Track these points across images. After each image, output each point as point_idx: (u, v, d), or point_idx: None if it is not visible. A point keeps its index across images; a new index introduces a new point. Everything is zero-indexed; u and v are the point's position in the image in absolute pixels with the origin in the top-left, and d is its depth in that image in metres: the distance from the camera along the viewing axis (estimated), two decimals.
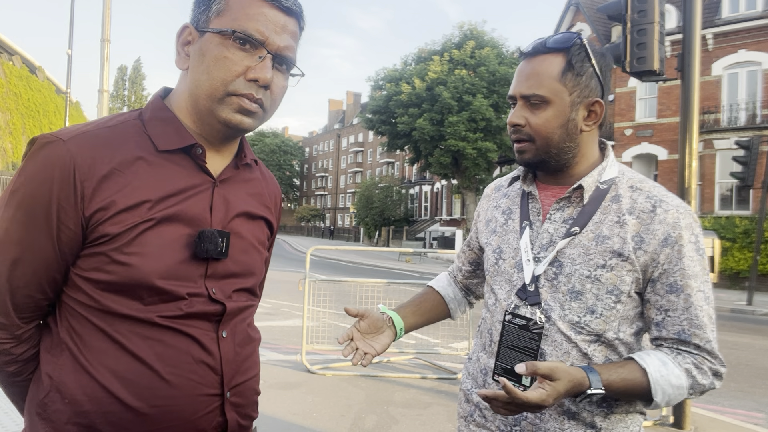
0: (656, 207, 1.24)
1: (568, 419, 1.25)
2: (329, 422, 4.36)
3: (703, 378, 1.21)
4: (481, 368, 1.39)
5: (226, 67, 1.03)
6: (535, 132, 1.28)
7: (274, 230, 1.28)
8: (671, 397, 1.20)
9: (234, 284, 1.12)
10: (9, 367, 1.07)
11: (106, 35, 14.17)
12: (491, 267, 1.40)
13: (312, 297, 6.33)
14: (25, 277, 1.01)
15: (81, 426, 0.99)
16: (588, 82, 1.27)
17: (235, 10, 1.04)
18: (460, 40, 30.05)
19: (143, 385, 1.00)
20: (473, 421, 1.39)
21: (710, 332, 1.22)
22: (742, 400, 5.78)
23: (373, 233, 46.47)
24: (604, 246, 1.24)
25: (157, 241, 1.01)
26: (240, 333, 1.14)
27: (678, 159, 4.95)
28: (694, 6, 4.89)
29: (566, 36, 1.28)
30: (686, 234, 1.23)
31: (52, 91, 28.23)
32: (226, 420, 1.09)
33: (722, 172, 19.72)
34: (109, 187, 0.99)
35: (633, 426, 1.29)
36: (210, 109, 1.06)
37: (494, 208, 1.47)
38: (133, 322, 1.01)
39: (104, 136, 1.03)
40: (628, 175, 1.32)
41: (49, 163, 0.98)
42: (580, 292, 1.24)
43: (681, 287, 1.22)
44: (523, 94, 1.29)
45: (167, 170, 1.05)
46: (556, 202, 1.32)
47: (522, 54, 1.33)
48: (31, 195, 0.98)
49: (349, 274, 17.44)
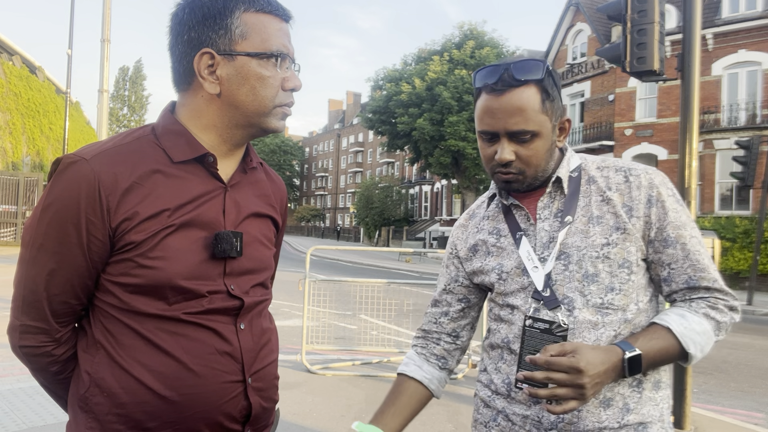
0: (628, 176, 1.32)
1: (605, 410, 1.24)
2: (329, 422, 4.36)
3: (721, 316, 1.26)
4: (502, 379, 1.35)
5: (270, 85, 1.15)
6: (526, 164, 1.30)
7: (280, 228, 1.36)
8: (703, 344, 1.24)
9: (250, 280, 1.21)
10: (52, 367, 1.17)
11: (106, 35, 14.19)
12: (499, 286, 1.37)
13: (312, 297, 6.34)
14: (61, 285, 1.10)
15: (120, 416, 1.09)
16: (559, 104, 1.32)
17: (259, 31, 1.14)
18: (460, 40, 30.08)
19: (172, 376, 1.10)
20: (496, 426, 1.35)
21: (714, 272, 1.28)
22: (742, 400, 5.78)
23: (373, 233, 46.48)
24: (600, 225, 1.28)
25: (178, 245, 1.10)
26: (256, 324, 1.23)
27: (678, 159, 4.95)
28: (694, 6, 4.88)
29: (534, 65, 1.27)
30: (663, 190, 1.30)
31: (52, 91, 28.23)
32: (250, 404, 1.18)
33: (722, 172, 19.73)
34: (131, 199, 1.08)
35: (663, 403, 1.31)
36: (255, 123, 1.18)
37: (476, 233, 1.45)
38: (159, 319, 1.10)
39: (123, 152, 1.11)
40: (589, 159, 1.39)
41: (75, 181, 1.07)
42: (594, 273, 1.26)
43: (675, 239, 1.28)
44: (510, 131, 1.27)
45: (182, 179, 1.14)
46: (540, 201, 1.34)
47: (488, 87, 1.28)
48: (61, 211, 1.07)
49: (349, 274, 17.44)
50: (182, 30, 1.14)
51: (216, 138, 1.19)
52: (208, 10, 1.12)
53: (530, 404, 1.29)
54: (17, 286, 1.13)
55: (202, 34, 1.12)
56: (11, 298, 1.17)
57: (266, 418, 1.26)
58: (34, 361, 1.17)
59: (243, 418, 1.19)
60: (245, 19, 1.13)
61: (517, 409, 1.32)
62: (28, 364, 1.18)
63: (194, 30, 1.13)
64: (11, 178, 20.51)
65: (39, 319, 1.12)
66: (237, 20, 1.13)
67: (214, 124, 1.18)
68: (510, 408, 1.33)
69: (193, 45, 1.13)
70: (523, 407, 1.30)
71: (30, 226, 1.10)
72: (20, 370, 5.15)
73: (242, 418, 1.19)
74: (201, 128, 1.18)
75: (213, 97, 1.15)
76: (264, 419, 1.25)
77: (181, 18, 1.14)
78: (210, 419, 1.13)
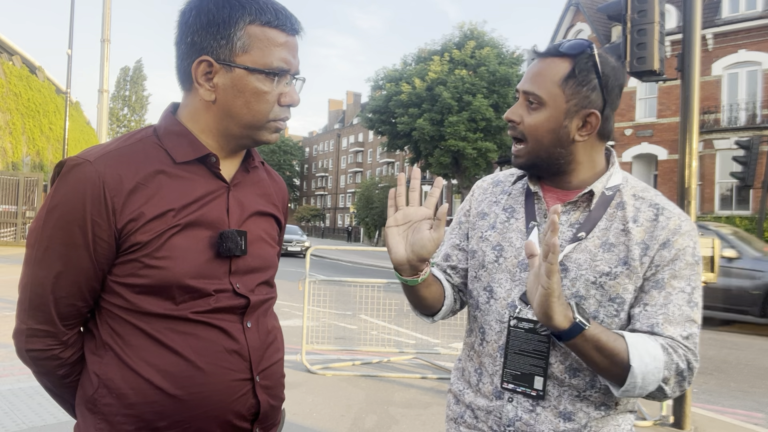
0: (659, 215, 1.27)
1: (564, 421, 1.24)
2: (329, 422, 4.36)
3: (678, 359, 1.17)
4: (474, 368, 1.37)
5: (265, 100, 1.15)
6: (527, 131, 1.30)
7: (282, 226, 1.38)
8: (648, 366, 1.14)
9: (256, 278, 1.22)
10: (59, 370, 1.17)
11: (106, 35, 14.18)
12: (490, 264, 1.36)
13: (312, 297, 6.33)
14: (67, 287, 1.10)
15: (129, 416, 1.09)
16: (589, 93, 1.27)
17: (261, 45, 1.13)
18: (461, 40, 30.05)
19: (181, 375, 1.10)
20: (463, 423, 1.38)
21: (687, 329, 1.20)
22: (742, 400, 5.78)
23: (373, 233, 46.47)
24: (610, 254, 1.24)
25: (183, 244, 1.11)
26: (262, 323, 1.24)
27: (678, 159, 4.95)
28: (694, 6, 4.88)
29: (579, 44, 1.28)
30: (685, 239, 1.24)
31: (52, 91, 28.22)
32: (258, 402, 1.19)
33: (722, 172, 19.73)
34: (136, 200, 1.09)
35: (624, 424, 1.29)
36: (248, 134, 1.18)
37: (493, 203, 1.44)
38: (167, 319, 1.11)
39: (127, 153, 1.12)
40: (631, 183, 1.34)
41: (80, 183, 1.07)
42: (583, 297, 1.24)
43: (664, 284, 1.22)
44: (525, 90, 1.31)
45: (186, 180, 1.15)
46: (562, 206, 1.31)
47: (535, 53, 1.34)
48: (66, 214, 1.07)
49: (349, 274, 17.44)
50: (186, 31, 1.14)
51: (214, 142, 1.20)
52: (213, 18, 1.12)
53: (493, 398, 1.31)
54: (23, 290, 1.13)
55: (204, 41, 1.13)
56: (16, 300, 1.16)
57: (274, 417, 1.27)
58: (41, 364, 1.17)
59: (252, 417, 1.19)
60: (249, 32, 1.13)
61: (481, 403, 1.33)
62: (35, 368, 1.18)
63: (197, 35, 1.13)
64: (11, 178, 20.50)
65: (45, 322, 1.12)
66: (241, 32, 1.12)
67: (210, 129, 1.18)
68: (476, 402, 1.34)
69: (193, 49, 1.14)
70: (486, 400, 1.32)
71: (35, 228, 1.10)
72: (20, 370, 5.15)
73: (251, 417, 1.19)
74: (199, 131, 1.19)
75: (209, 104, 1.16)
76: (272, 417, 1.26)
77: (187, 20, 1.14)
78: (219, 418, 1.14)
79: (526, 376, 1.26)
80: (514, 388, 1.27)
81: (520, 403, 1.27)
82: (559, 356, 1.25)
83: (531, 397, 1.26)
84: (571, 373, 1.25)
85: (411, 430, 4.30)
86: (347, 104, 77.53)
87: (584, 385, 1.25)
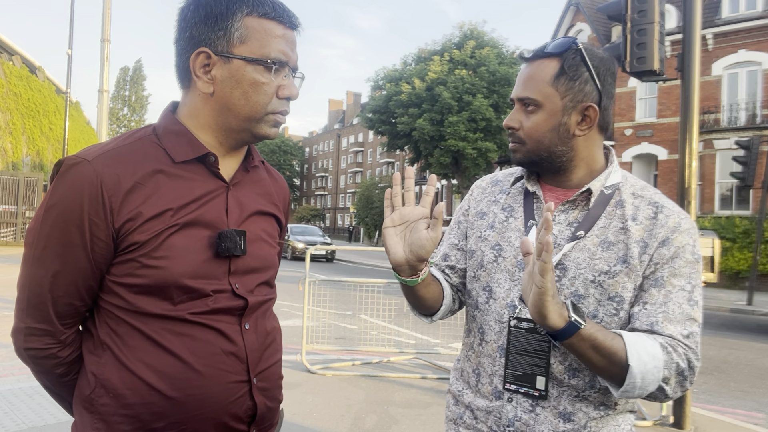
0: (658, 213, 1.26)
1: (564, 421, 1.24)
2: (329, 422, 4.36)
3: (678, 358, 1.15)
4: (473, 368, 1.37)
5: (263, 91, 1.15)
6: (527, 135, 1.30)
7: (283, 225, 1.37)
8: (647, 366, 1.12)
9: (255, 279, 1.22)
10: (57, 369, 1.17)
11: (106, 35, 14.19)
12: (489, 264, 1.36)
13: (312, 297, 6.34)
14: (65, 286, 1.10)
15: (126, 416, 1.09)
16: (582, 86, 1.27)
17: (259, 36, 1.13)
18: (460, 40, 30.03)
19: (178, 376, 1.10)
20: (463, 423, 1.37)
21: (688, 328, 1.19)
22: (742, 400, 5.78)
23: (373, 233, 46.46)
24: (609, 252, 1.24)
25: (181, 244, 1.10)
26: (261, 324, 1.24)
27: (678, 159, 4.95)
28: (694, 6, 4.88)
29: (564, 41, 1.29)
30: (685, 237, 1.24)
31: (52, 91, 28.22)
32: (255, 404, 1.19)
33: (722, 172, 19.72)
34: (134, 200, 1.08)
35: (624, 425, 1.29)
36: (246, 128, 1.18)
37: (492, 203, 1.44)
38: (165, 320, 1.11)
39: (125, 153, 1.11)
40: (630, 181, 1.34)
41: (78, 182, 1.06)
42: (582, 296, 1.24)
43: (664, 282, 1.21)
44: (519, 97, 1.31)
45: (184, 179, 1.14)
46: (561, 205, 1.32)
47: (522, 58, 1.34)
48: (64, 213, 1.07)
49: (349, 274, 17.44)
50: (185, 26, 1.15)
51: (213, 139, 1.19)
52: (211, 10, 1.13)
53: (492, 398, 1.30)
54: (21, 289, 1.13)
55: (202, 33, 1.13)
56: (15, 300, 1.16)
57: (271, 418, 1.27)
58: (39, 363, 1.17)
59: (248, 419, 1.19)
60: (247, 23, 1.13)
61: (480, 403, 1.33)
62: (34, 366, 1.18)
63: (195, 28, 1.14)
64: (11, 178, 20.50)
65: (43, 321, 1.12)
66: (238, 23, 1.13)
67: (209, 125, 1.18)
68: (475, 402, 1.34)
69: (192, 43, 1.14)
70: (486, 401, 1.32)
71: (33, 228, 1.10)
72: (20, 370, 5.15)
73: (248, 419, 1.19)
74: (198, 128, 1.18)
75: (207, 97, 1.16)
76: (269, 419, 1.25)
77: (185, 14, 1.16)
78: (216, 419, 1.14)
79: (528, 376, 1.26)
80: (517, 388, 1.27)
81: (519, 403, 1.27)
82: (558, 356, 1.25)
83: (533, 397, 1.25)
84: (571, 374, 1.25)
85: (411, 430, 4.29)
86: (347, 104, 77.53)
87: (584, 385, 1.25)
